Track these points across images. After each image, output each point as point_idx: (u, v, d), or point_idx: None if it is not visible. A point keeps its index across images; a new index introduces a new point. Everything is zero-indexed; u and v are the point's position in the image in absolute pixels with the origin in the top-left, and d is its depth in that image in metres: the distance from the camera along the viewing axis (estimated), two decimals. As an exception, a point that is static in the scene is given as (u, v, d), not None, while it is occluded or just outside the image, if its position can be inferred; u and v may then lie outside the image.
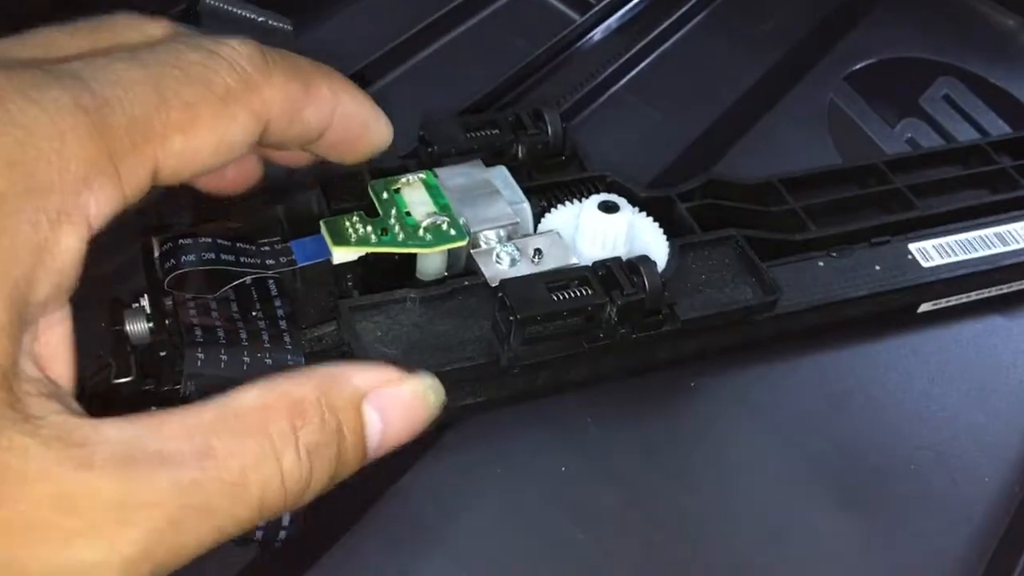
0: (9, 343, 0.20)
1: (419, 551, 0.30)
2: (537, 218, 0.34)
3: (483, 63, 0.43)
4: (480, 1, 0.46)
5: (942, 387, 0.36)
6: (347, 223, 0.32)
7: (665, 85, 0.44)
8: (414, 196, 0.33)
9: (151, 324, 0.30)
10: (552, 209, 0.34)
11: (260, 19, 0.39)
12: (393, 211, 0.32)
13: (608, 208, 0.33)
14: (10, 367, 0.20)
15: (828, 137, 0.43)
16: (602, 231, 0.32)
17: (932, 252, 0.36)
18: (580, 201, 0.34)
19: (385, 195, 0.33)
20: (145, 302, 0.31)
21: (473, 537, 0.30)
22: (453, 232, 0.32)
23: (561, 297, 0.30)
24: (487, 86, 0.42)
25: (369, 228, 0.32)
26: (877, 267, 0.36)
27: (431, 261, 0.32)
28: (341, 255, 0.31)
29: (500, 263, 0.32)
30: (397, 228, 0.32)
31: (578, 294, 0.30)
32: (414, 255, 0.32)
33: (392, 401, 0.24)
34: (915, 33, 0.48)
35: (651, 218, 0.34)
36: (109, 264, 0.34)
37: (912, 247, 0.37)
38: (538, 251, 0.32)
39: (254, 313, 0.30)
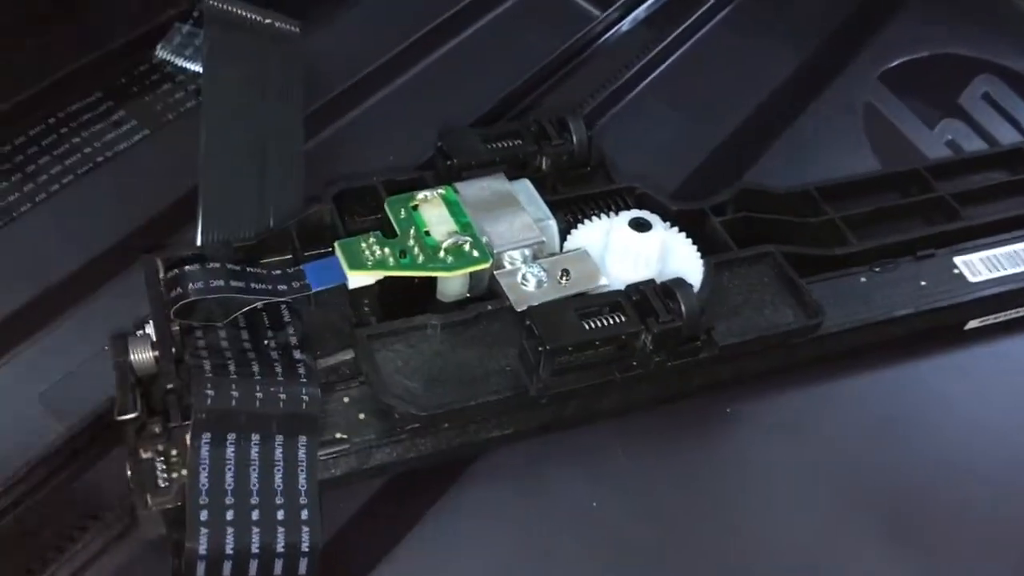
0: None
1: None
2: (563, 234, 0.32)
3: (498, 64, 0.41)
4: (493, -1, 0.44)
5: (990, 409, 0.34)
6: (363, 245, 0.30)
7: (691, 85, 0.42)
8: (433, 214, 0.31)
9: (156, 353, 0.28)
10: (579, 224, 0.32)
11: (266, 21, 0.38)
12: (412, 231, 0.30)
13: (640, 226, 0.31)
14: None
15: (865, 139, 0.41)
16: (634, 250, 0.31)
17: (979, 266, 0.35)
18: (608, 216, 0.32)
19: (403, 213, 0.31)
20: (150, 329, 0.29)
21: (500, 578, 0.29)
22: (476, 253, 0.30)
23: (593, 325, 0.28)
24: (503, 89, 0.40)
25: (387, 250, 0.30)
26: (923, 283, 0.34)
27: (452, 283, 0.30)
28: (357, 279, 0.29)
29: (526, 285, 0.30)
30: (416, 250, 0.30)
31: (611, 322, 0.28)
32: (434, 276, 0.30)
33: None
34: (951, 28, 0.46)
35: (684, 234, 0.32)
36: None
37: (958, 260, 0.35)
38: (566, 272, 0.30)
39: (266, 341, 0.28)
